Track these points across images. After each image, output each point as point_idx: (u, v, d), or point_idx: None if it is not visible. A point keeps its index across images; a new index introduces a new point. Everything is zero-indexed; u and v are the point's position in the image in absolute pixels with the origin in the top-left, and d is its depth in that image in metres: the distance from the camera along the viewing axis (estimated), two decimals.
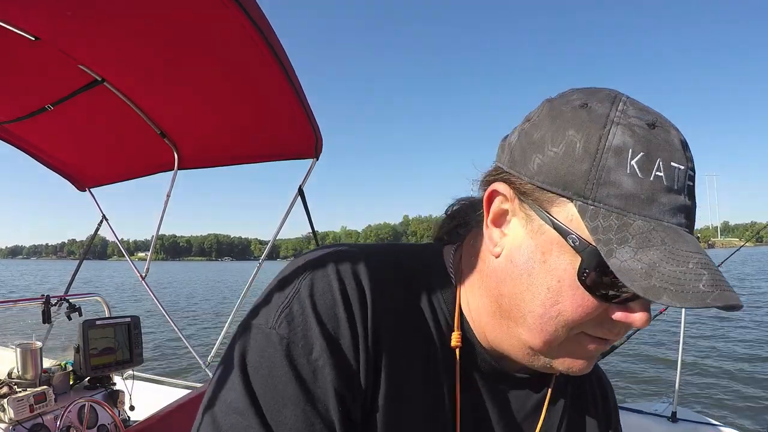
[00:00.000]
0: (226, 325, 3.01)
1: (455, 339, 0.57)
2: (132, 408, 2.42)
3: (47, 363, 2.27)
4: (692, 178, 0.48)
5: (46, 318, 2.55)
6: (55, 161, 2.92)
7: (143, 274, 3.02)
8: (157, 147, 2.65)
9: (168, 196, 2.87)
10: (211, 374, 2.89)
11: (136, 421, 2.17)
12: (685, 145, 0.48)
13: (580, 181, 0.47)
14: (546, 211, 0.49)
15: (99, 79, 2.10)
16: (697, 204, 0.49)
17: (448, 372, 0.57)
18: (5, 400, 1.88)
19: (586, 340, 0.52)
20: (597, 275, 0.46)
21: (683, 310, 2.98)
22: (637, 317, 0.48)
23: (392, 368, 0.53)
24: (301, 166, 2.61)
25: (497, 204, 0.53)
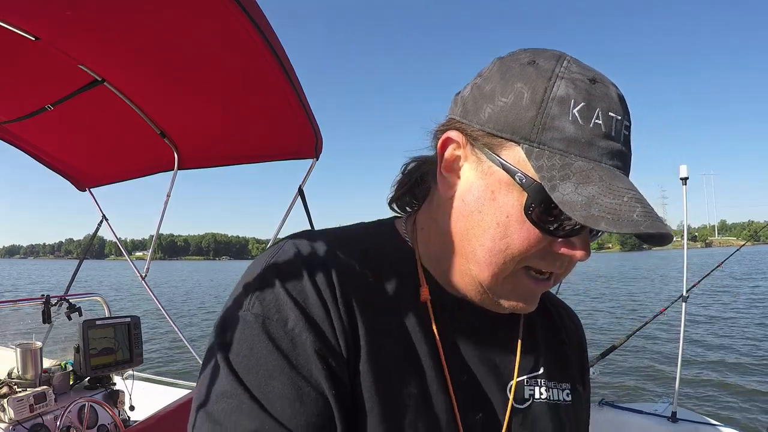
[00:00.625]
0: None
1: (423, 294, 0.61)
2: (132, 408, 2.42)
3: (47, 363, 2.27)
4: (628, 129, 0.54)
5: (46, 318, 2.55)
6: (55, 161, 2.91)
7: (143, 274, 3.01)
8: (157, 147, 2.65)
9: (168, 196, 2.87)
10: None
11: (136, 421, 2.17)
12: (622, 99, 0.54)
13: (526, 127, 0.52)
14: (495, 154, 0.54)
15: (99, 79, 2.10)
16: (632, 152, 0.55)
17: (424, 325, 0.60)
18: (5, 400, 1.88)
19: (529, 279, 0.57)
20: (542, 210, 0.51)
21: (683, 310, 2.99)
22: (578, 249, 0.54)
23: (370, 329, 0.56)
24: (301, 166, 2.62)
25: (450, 151, 0.58)
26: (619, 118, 0.52)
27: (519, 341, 0.67)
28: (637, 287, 24.32)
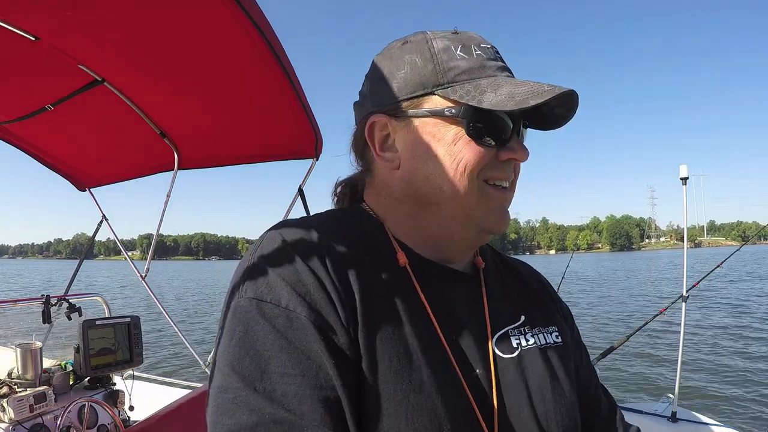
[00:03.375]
0: None
1: (401, 259, 0.65)
2: (132, 408, 2.42)
3: (47, 363, 2.27)
4: (498, 52, 0.66)
5: (46, 318, 2.55)
6: (55, 161, 2.91)
7: (143, 274, 3.01)
8: (157, 147, 2.64)
9: (168, 196, 2.87)
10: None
11: (136, 421, 2.17)
12: (482, 36, 0.66)
13: (432, 78, 0.62)
14: (420, 109, 0.63)
15: (99, 79, 2.10)
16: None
17: (409, 289, 0.63)
18: (5, 400, 1.88)
19: (495, 189, 0.64)
20: (479, 125, 0.61)
21: (683, 310, 2.99)
22: (518, 150, 0.64)
23: (362, 298, 0.57)
24: (300, 166, 2.62)
25: (378, 132, 0.67)
26: (489, 47, 0.65)
27: (484, 296, 0.70)
28: (633, 286, 24.30)
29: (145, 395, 2.68)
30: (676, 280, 26.09)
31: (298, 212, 2.69)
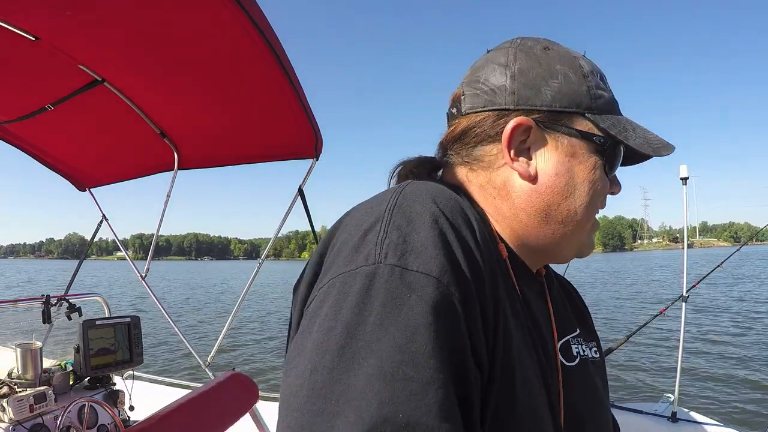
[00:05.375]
0: (226, 325, 3.01)
1: (504, 251, 0.63)
2: (132, 408, 2.41)
3: (47, 363, 2.26)
4: None
5: (46, 318, 2.55)
6: (55, 161, 2.91)
7: (143, 274, 3.01)
8: (157, 147, 2.65)
9: (168, 196, 2.87)
10: (211, 374, 2.89)
11: (136, 421, 2.17)
12: None
13: (585, 99, 0.61)
14: (569, 127, 0.61)
15: (99, 79, 2.10)
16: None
17: (508, 281, 0.60)
18: (5, 400, 1.88)
19: (596, 221, 0.66)
20: (613, 161, 0.63)
21: (683, 310, 2.99)
22: (617, 183, 0.67)
23: (499, 299, 0.51)
24: (300, 166, 2.62)
25: (518, 136, 0.62)
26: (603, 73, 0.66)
27: (548, 299, 0.71)
28: (631, 286, 24.30)
29: (145, 395, 2.68)
30: (669, 280, 26.13)
31: (298, 212, 2.69)
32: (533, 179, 0.61)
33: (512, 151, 0.61)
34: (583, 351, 0.69)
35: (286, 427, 0.40)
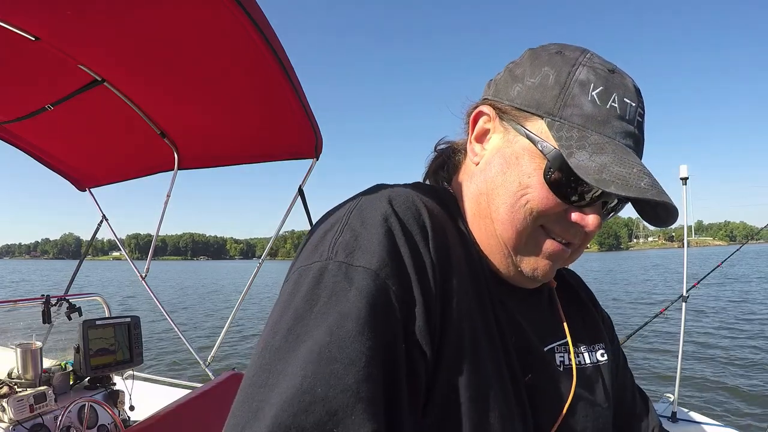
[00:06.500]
0: (226, 325, 3.01)
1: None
2: (132, 408, 2.41)
3: (47, 363, 2.27)
4: (642, 116, 0.59)
5: (46, 318, 2.55)
6: (55, 161, 2.91)
7: (143, 274, 3.01)
8: (157, 147, 2.65)
9: (168, 196, 2.87)
10: (211, 374, 2.89)
11: (136, 421, 2.17)
12: (638, 90, 0.60)
13: (549, 103, 0.58)
14: (521, 125, 0.60)
15: (99, 79, 2.10)
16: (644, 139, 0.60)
17: (480, 284, 0.60)
18: (5, 400, 1.88)
19: (549, 239, 0.61)
20: (559, 175, 0.57)
21: (683, 310, 2.99)
22: (590, 219, 0.59)
23: (445, 282, 0.55)
24: (300, 166, 2.62)
25: (481, 123, 0.65)
26: (634, 105, 0.58)
27: (560, 307, 0.71)
28: (629, 287, 24.31)
29: (145, 395, 2.68)
30: (665, 280, 26.11)
31: (298, 212, 2.69)
32: (477, 164, 0.66)
33: (473, 135, 0.66)
34: (569, 359, 0.67)
35: (237, 399, 0.46)
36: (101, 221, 3.19)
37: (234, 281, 39.63)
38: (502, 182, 0.61)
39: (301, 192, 2.66)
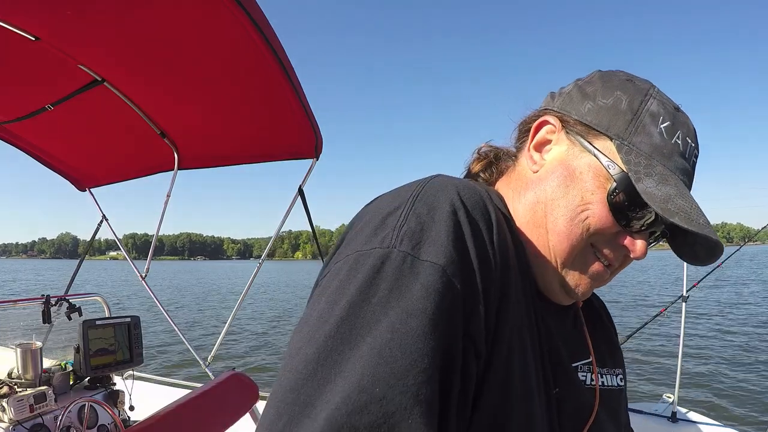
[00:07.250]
0: (226, 324, 3.01)
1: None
2: (132, 408, 2.41)
3: (47, 363, 2.27)
4: (696, 157, 0.62)
5: (46, 318, 2.55)
6: (55, 161, 2.91)
7: (143, 274, 3.01)
8: (157, 147, 2.65)
9: (168, 196, 2.87)
10: (211, 374, 2.89)
11: (136, 421, 2.17)
12: (696, 133, 0.62)
13: (621, 126, 0.59)
14: (589, 142, 0.61)
15: (99, 79, 2.10)
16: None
17: (531, 297, 0.59)
18: (5, 400, 1.88)
19: (595, 258, 0.62)
20: (623, 198, 0.57)
21: (683, 311, 2.99)
22: (638, 245, 0.60)
23: (507, 295, 0.52)
24: (300, 166, 2.62)
25: (543, 133, 0.65)
26: (693, 145, 0.61)
27: (584, 325, 0.71)
28: (628, 286, 24.32)
29: (145, 395, 2.68)
30: (661, 280, 26.14)
31: (298, 212, 2.70)
32: (535, 173, 0.64)
33: (534, 143, 0.65)
34: (591, 379, 0.68)
35: (279, 386, 0.43)
36: (101, 221, 3.19)
37: (232, 281, 39.67)
38: (563, 195, 0.60)
39: (301, 192, 2.66)
